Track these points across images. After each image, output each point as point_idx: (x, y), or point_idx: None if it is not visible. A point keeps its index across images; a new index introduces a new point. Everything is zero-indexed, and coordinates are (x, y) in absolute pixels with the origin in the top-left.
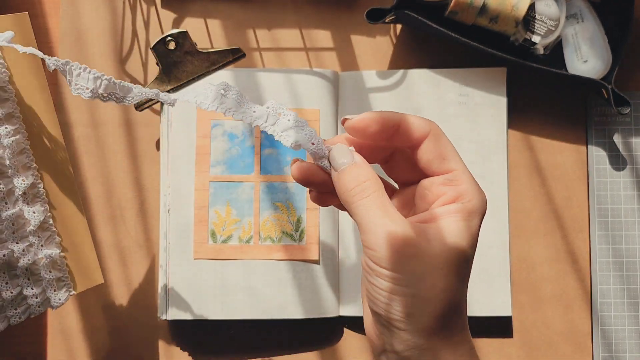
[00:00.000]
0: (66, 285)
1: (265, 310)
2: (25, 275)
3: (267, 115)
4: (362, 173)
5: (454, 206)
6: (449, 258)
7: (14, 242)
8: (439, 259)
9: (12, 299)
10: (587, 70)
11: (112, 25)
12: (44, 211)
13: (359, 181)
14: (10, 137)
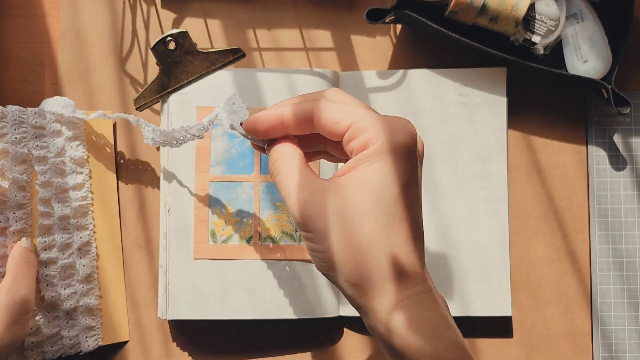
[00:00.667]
0: (96, 335)
1: (265, 310)
2: (65, 318)
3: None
4: (275, 152)
5: (362, 154)
6: (362, 206)
7: (62, 288)
8: (349, 210)
9: (51, 336)
10: (587, 70)
11: (112, 25)
12: (92, 266)
13: (272, 160)
14: (79, 202)
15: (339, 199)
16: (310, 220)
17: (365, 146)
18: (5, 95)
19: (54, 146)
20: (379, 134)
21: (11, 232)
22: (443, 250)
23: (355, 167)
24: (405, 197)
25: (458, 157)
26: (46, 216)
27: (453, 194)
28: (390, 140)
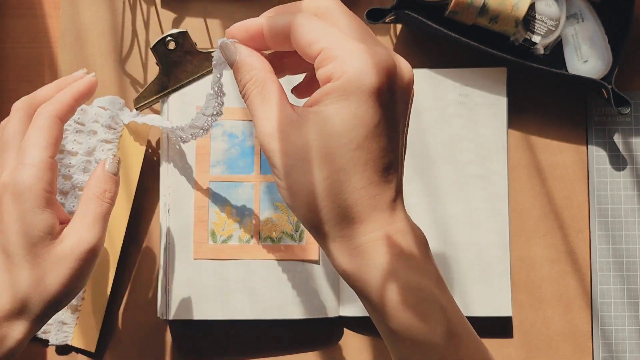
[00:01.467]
0: (68, 332)
1: (265, 310)
2: None
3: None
4: (243, 73)
5: (326, 87)
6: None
7: None
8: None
9: None
10: (587, 70)
11: (112, 25)
12: None
13: (242, 83)
14: None
15: (301, 136)
16: (273, 155)
17: (329, 78)
18: (5, 95)
19: (86, 144)
20: (344, 67)
21: None
22: (443, 250)
23: (320, 102)
24: (372, 140)
25: (458, 157)
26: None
27: (453, 193)
28: (355, 77)
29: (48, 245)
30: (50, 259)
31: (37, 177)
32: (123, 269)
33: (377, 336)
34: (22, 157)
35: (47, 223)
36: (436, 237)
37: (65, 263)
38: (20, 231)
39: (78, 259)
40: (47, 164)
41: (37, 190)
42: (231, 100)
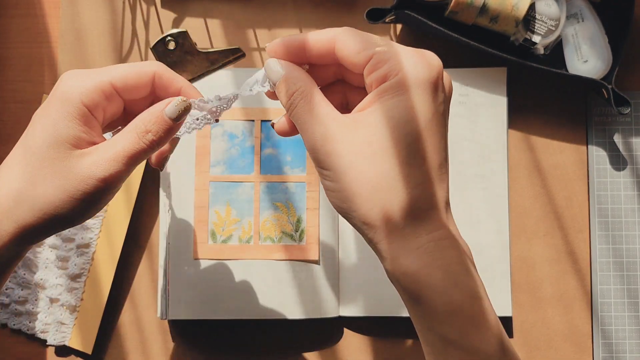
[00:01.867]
0: (66, 333)
1: (265, 310)
2: (48, 304)
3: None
4: (290, 85)
5: (383, 87)
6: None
7: (54, 276)
8: (368, 146)
9: (31, 313)
10: (587, 70)
11: (112, 25)
12: (83, 268)
13: (288, 94)
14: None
15: (359, 135)
16: (328, 158)
17: (385, 78)
18: (5, 94)
19: None
20: (400, 66)
21: None
22: None
23: (376, 101)
24: (428, 133)
25: (458, 157)
26: None
27: (453, 193)
28: (411, 72)
29: (65, 155)
30: (60, 168)
31: (84, 92)
32: (123, 268)
33: (377, 336)
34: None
35: (72, 132)
36: None
37: (72, 184)
38: (44, 129)
39: (86, 184)
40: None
41: (76, 102)
42: None
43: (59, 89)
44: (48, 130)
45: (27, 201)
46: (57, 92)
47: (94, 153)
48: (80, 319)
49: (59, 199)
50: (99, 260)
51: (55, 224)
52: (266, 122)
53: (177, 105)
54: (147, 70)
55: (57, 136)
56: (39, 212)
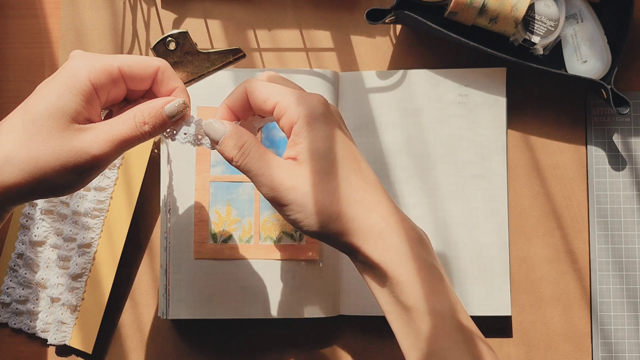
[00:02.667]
0: (66, 332)
1: (265, 310)
2: (48, 303)
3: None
4: (238, 139)
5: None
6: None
7: (55, 275)
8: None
9: (32, 312)
10: (586, 70)
11: (112, 25)
12: (85, 268)
13: (237, 146)
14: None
15: (303, 171)
16: (289, 194)
17: (291, 124)
18: (5, 95)
19: None
20: (298, 111)
21: (40, 210)
22: (443, 250)
23: (298, 144)
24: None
25: (457, 157)
26: (64, 205)
27: (452, 194)
28: (309, 114)
29: (64, 126)
30: (57, 138)
31: (93, 71)
32: (124, 268)
33: (377, 336)
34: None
35: (74, 106)
36: (436, 237)
37: (66, 154)
38: (45, 103)
39: (79, 157)
40: (106, 69)
41: (83, 79)
42: None
43: (69, 65)
44: (51, 101)
45: (17, 163)
46: (66, 68)
47: (93, 130)
48: (81, 319)
49: (50, 166)
50: (100, 260)
51: (41, 189)
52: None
53: (178, 106)
54: (153, 64)
55: (60, 107)
56: (28, 174)
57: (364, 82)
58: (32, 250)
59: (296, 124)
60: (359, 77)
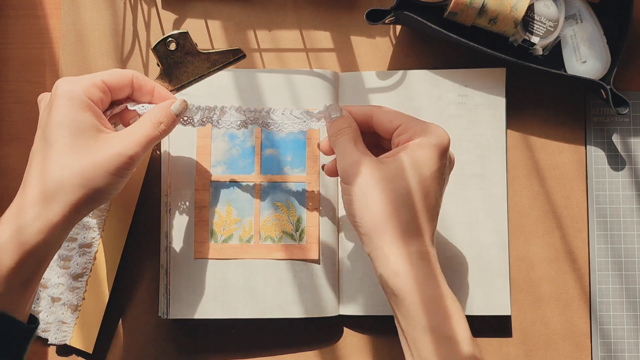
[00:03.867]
0: (67, 332)
1: (265, 309)
2: (49, 303)
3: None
4: (344, 122)
5: (407, 144)
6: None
7: (56, 275)
8: (380, 182)
9: (33, 312)
10: (585, 70)
11: (113, 25)
12: (85, 268)
13: (341, 127)
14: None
15: (378, 173)
16: (353, 179)
17: (410, 138)
18: (6, 95)
19: None
20: (422, 132)
21: None
22: (443, 250)
23: (399, 152)
24: (427, 183)
25: (457, 157)
26: None
27: (452, 193)
28: (428, 138)
29: (91, 139)
30: (90, 149)
31: (84, 88)
32: (125, 268)
33: (377, 335)
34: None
35: (90, 121)
36: (436, 236)
37: (105, 159)
38: (64, 123)
39: (118, 160)
40: (94, 83)
41: (82, 96)
42: (232, 101)
43: (60, 91)
44: (70, 124)
45: (69, 183)
46: (59, 94)
47: (120, 136)
48: (82, 318)
49: (96, 174)
50: (101, 259)
51: (96, 197)
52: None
53: (180, 105)
54: (127, 73)
55: (80, 126)
56: (81, 188)
57: (363, 82)
58: None
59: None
60: (358, 78)
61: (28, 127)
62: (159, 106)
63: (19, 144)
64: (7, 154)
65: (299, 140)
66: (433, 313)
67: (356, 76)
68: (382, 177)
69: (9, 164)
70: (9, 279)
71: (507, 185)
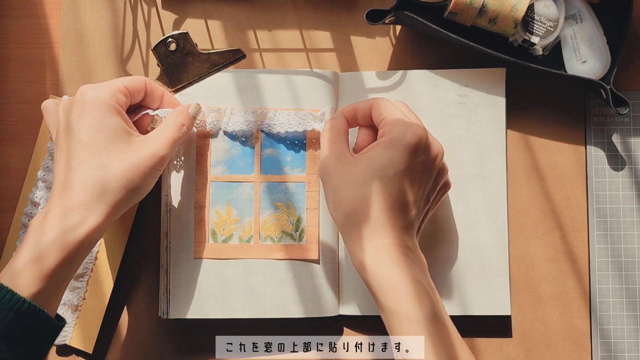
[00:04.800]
0: (67, 332)
1: (265, 309)
2: None
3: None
4: (328, 124)
5: (378, 141)
6: (363, 175)
7: None
8: (355, 174)
9: None
10: (585, 70)
11: (113, 26)
12: (86, 268)
13: (326, 127)
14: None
15: (353, 170)
16: (324, 180)
17: (382, 135)
18: (6, 95)
19: None
20: (392, 130)
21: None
22: (442, 250)
23: (370, 150)
24: (396, 180)
25: (457, 157)
26: None
27: (452, 194)
28: (398, 137)
29: (125, 142)
30: (127, 152)
31: (112, 94)
32: (125, 268)
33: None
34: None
35: (121, 125)
36: (435, 237)
37: (139, 158)
38: (100, 128)
39: (152, 160)
40: (118, 89)
41: (111, 101)
42: (232, 102)
43: (89, 97)
44: (105, 129)
45: (113, 186)
46: (88, 101)
47: (150, 138)
48: (82, 318)
49: (133, 174)
50: (102, 259)
51: (133, 196)
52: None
53: (196, 107)
54: (141, 79)
55: (115, 130)
56: (123, 189)
57: (363, 82)
58: None
59: (386, 137)
60: (358, 78)
61: (28, 127)
62: (178, 110)
63: (19, 144)
64: (7, 154)
65: (299, 140)
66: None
67: (356, 76)
68: (349, 177)
69: (9, 164)
70: (50, 277)
71: (507, 185)
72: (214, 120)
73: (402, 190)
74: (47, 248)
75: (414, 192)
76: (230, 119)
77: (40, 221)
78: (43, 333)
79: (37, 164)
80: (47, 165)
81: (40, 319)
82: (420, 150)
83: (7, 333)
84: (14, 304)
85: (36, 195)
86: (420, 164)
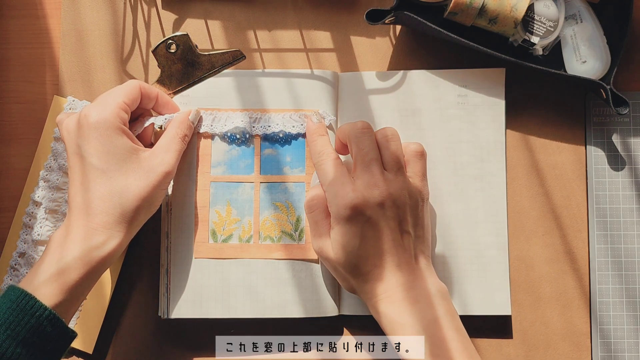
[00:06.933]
0: None
1: (265, 309)
2: None
3: None
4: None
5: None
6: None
7: None
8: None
9: None
10: (585, 70)
11: (113, 26)
12: None
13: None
14: None
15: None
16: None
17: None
18: (6, 95)
19: None
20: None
21: (44, 209)
22: (442, 250)
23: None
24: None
25: (457, 158)
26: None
27: (452, 194)
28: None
29: (135, 161)
30: (139, 171)
31: (115, 114)
32: (125, 268)
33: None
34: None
35: (128, 144)
36: (435, 237)
37: (151, 176)
38: (109, 152)
39: (159, 174)
40: (120, 107)
41: (115, 122)
42: (233, 102)
43: (94, 121)
44: (115, 152)
45: (132, 206)
46: (93, 125)
47: (157, 153)
48: (82, 319)
49: (145, 190)
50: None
51: (149, 210)
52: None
53: (195, 114)
54: (135, 84)
55: (123, 152)
56: (141, 208)
57: (363, 82)
58: (34, 249)
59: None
60: (358, 78)
61: (28, 127)
62: (179, 120)
63: (19, 144)
64: (7, 154)
65: (298, 140)
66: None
67: (356, 76)
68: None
69: (9, 164)
70: (71, 290)
71: (507, 185)
72: (213, 123)
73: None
74: (71, 264)
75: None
76: (227, 122)
77: (62, 238)
78: (59, 342)
79: (40, 163)
80: (49, 165)
81: (58, 327)
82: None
83: (28, 339)
84: (35, 311)
85: (38, 194)
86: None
